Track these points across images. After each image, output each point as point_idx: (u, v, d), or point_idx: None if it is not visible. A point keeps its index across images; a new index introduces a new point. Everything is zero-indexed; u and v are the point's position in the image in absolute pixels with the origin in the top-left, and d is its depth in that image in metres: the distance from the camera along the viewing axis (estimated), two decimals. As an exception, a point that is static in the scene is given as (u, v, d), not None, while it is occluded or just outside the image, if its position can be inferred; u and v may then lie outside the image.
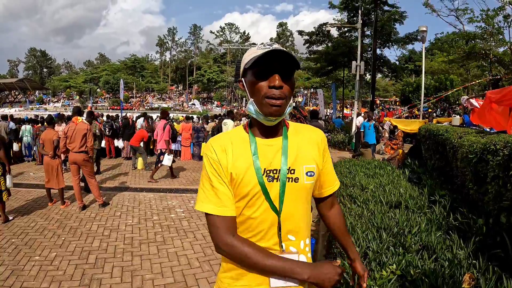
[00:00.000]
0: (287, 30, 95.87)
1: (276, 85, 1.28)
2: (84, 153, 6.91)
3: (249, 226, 1.38)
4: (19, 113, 34.10)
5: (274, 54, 1.27)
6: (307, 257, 1.43)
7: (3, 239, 5.39)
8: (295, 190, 1.37)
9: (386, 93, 67.52)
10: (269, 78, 1.30)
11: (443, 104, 37.67)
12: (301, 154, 1.41)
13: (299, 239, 1.41)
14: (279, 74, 1.29)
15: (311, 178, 1.41)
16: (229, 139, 1.44)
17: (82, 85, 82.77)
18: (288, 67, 1.31)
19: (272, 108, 1.30)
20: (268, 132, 1.42)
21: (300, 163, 1.39)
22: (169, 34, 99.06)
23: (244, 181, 1.35)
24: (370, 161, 7.48)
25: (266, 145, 1.40)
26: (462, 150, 4.50)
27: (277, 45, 1.31)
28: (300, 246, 1.41)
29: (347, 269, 2.33)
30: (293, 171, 1.37)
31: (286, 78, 1.31)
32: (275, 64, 1.29)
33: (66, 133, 6.88)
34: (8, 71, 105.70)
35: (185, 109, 63.22)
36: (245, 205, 1.37)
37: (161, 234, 5.72)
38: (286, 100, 1.32)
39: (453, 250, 2.95)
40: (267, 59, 1.28)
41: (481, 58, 23.51)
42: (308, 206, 1.46)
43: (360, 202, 4.39)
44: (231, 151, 1.39)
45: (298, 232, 1.41)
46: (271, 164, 1.37)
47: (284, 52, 1.27)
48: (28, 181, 9.66)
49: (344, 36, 30.37)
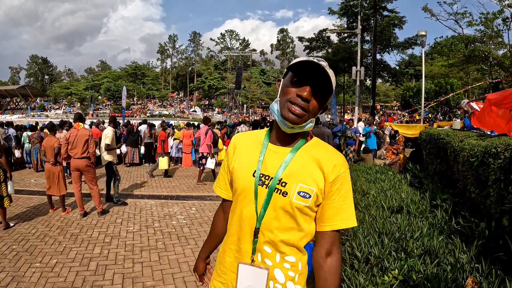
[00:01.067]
0: (288, 36, 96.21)
1: (303, 96, 1.29)
2: (86, 159, 6.90)
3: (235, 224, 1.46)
4: (21, 120, 34.21)
5: (315, 67, 1.28)
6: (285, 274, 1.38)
7: (4, 246, 5.39)
8: (281, 203, 1.33)
9: (387, 98, 67.58)
10: (300, 87, 1.31)
11: (444, 108, 37.69)
12: (302, 171, 1.36)
13: (274, 252, 1.37)
14: (312, 88, 1.30)
15: (303, 200, 1.33)
16: (249, 137, 1.55)
17: (84, 92, 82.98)
18: (323, 87, 1.32)
19: (290, 114, 1.31)
20: (282, 140, 1.44)
21: (295, 179, 1.35)
22: (169, 41, 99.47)
23: (240, 176, 1.44)
24: (371, 166, 7.47)
25: (273, 151, 1.43)
26: (463, 153, 4.49)
27: (324, 63, 1.30)
28: (276, 259, 1.37)
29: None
30: (284, 184, 1.35)
31: (316, 94, 1.32)
32: (313, 78, 1.30)
33: (68, 139, 6.87)
34: (9, 78, 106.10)
35: (186, 116, 63.30)
36: (237, 199, 1.46)
37: (162, 241, 5.71)
38: (308, 114, 1.33)
39: (456, 254, 2.93)
40: (308, 70, 1.29)
41: (481, 61, 23.53)
42: (293, 228, 1.37)
43: (361, 208, 4.37)
44: (241, 148, 1.52)
45: (278, 246, 1.36)
46: (267, 169, 1.39)
47: (324, 71, 1.27)
48: (29, 188, 9.66)
49: (344, 42, 30.53)
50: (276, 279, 1.37)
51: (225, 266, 1.47)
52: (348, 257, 2.88)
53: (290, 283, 1.38)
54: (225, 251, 1.49)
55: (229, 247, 1.46)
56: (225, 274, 1.46)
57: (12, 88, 65.78)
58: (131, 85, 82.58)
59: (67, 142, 6.88)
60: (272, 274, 1.37)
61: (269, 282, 1.36)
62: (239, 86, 63.75)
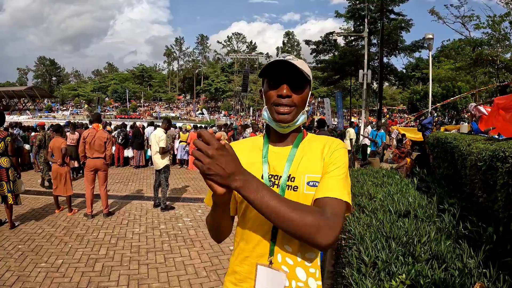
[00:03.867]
0: (294, 39, 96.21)
1: (283, 94, 1.34)
2: (103, 158, 7.00)
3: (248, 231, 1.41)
4: (27, 121, 34.46)
5: (283, 65, 1.31)
6: (307, 271, 1.38)
7: (10, 245, 5.43)
8: (294, 198, 1.32)
9: (394, 102, 67.36)
10: (278, 88, 1.35)
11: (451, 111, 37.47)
12: (306, 163, 1.39)
13: (295, 250, 1.37)
14: (288, 84, 1.34)
15: (313, 189, 1.34)
16: (246, 144, 1.57)
17: (91, 94, 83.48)
18: (298, 79, 1.35)
19: (279, 115, 1.36)
20: (281, 140, 1.48)
21: (301, 171, 1.37)
22: (176, 44, 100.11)
23: None
24: (378, 170, 7.43)
25: (275, 152, 1.45)
26: (471, 157, 4.46)
27: (290, 57, 1.34)
28: (297, 258, 1.37)
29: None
30: (293, 179, 1.37)
31: (296, 88, 1.36)
32: (286, 74, 1.34)
33: (85, 139, 6.89)
34: (17, 79, 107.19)
35: (192, 118, 63.45)
36: (247, 206, 1.40)
37: (168, 243, 5.71)
38: (296, 108, 1.37)
39: (463, 259, 2.91)
40: (276, 70, 1.33)
41: (488, 64, 23.40)
42: None
43: (368, 212, 4.35)
44: (241, 155, 1.41)
45: (298, 244, 1.35)
46: (274, 169, 1.41)
47: (292, 65, 1.29)
48: (36, 188, 9.72)
49: (350, 45, 30.40)
50: (298, 277, 1.36)
51: (241, 275, 1.42)
52: (355, 261, 2.86)
53: (312, 279, 1.38)
54: (242, 260, 1.44)
55: (246, 254, 1.42)
56: (243, 281, 1.42)
57: (19, 89, 66.35)
58: (138, 87, 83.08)
59: (84, 141, 6.90)
60: (294, 273, 1.36)
61: (291, 282, 1.34)
62: (246, 89, 63.82)
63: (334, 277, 3.51)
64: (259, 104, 67.86)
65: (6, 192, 6.02)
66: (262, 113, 1.48)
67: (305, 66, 1.36)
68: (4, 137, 5.98)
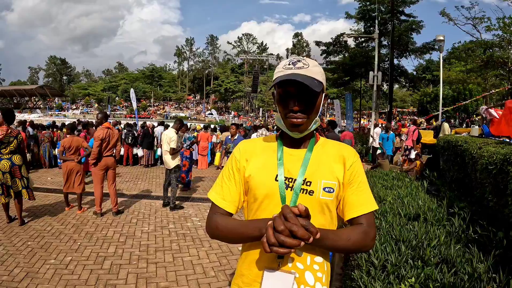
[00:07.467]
0: (303, 41, 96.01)
1: (294, 109, 1.34)
2: (113, 156, 7.09)
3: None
4: (38, 119, 34.77)
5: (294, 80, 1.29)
6: (315, 276, 1.37)
7: (19, 241, 5.48)
8: (308, 202, 1.33)
9: (404, 104, 66.99)
10: (289, 102, 1.35)
11: (462, 114, 37.17)
12: (322, 168, 1.41)
13: (305, 254, 1.37)
14: (299, 97, 1.34)
15: (329, 194, 1.38)
16: (258, 144, 1.55)
17: (101, 93, 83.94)
18: (310, 90, 1.31)
19: (293, 127, 1.37)
20: (295, 143, 1.48)
21: (318, 177, 1.39)
22: (187, 44, 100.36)
23: (260, 182, 1.41)
24: (388, 173, 7.39)
25: (289, 154, 1.45)
26: (482, 161, 4.42)
27: (301, 64, 1.34)
28: (307, 262, 1.37)
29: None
30: (309, 183, 1.38)
31: (308, 98, 1.35)
32: (295, 88, 1.33)
33: (104, 138, 6.83)
34: (28, 78, 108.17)
35: (202, 118, 63.60)
36: (259, 207, 1.42)
37: (177, 242, 5.74)
38: (309, 117, 1.37)
39: (473, 264, 2.88)
40: (287, 82, 1.32)
41: (499, 67, 23.12)
42: (325, 223, 1.40)
43: (378, 214, 4.33)
44: (255, 155, 1.48)
45: (308, 248, 1.32)
46: (289, 172, 1.41)
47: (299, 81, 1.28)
48: (45, 186, 9.81)
49: (361, 47, 30.21)
50: (307, 282, 1.36)
51: (249, 278, 1.42)
52: (365, 264, 2.85)
53: (319, 284, 1.38)
54: (250, 263, 1.43)
55: (254, 258, 1.42)
56: (250, 285, 1.41)
57: (30, 87, 66.80)
58: (148, 87, 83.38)
59: (101, 140, 6.81)
60: (303, 277, 1.36)
61: (300, 286, 1.34)
62: (256, 90, 63.87)
63: (343, 280, 3.50)
64: (269, 105, 67.89)
65: (21, 188, 6.10)
66: (277, 117, 1.48)
67: (316, 70, 1.35)
68: (17, 135, 6.05)
